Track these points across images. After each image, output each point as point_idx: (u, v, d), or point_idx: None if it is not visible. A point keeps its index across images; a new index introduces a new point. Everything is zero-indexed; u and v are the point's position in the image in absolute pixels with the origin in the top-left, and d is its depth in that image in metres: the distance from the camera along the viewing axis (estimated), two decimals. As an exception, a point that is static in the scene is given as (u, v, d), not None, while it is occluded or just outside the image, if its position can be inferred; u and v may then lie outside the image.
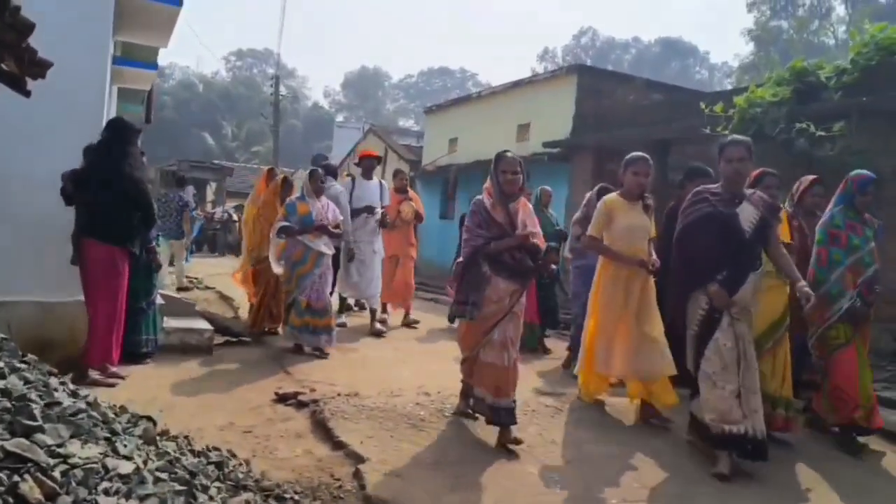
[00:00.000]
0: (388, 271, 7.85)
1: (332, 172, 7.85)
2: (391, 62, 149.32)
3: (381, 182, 7.79)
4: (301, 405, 4.54)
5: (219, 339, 6.36)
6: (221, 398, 4.68)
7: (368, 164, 7.69)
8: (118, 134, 4.66)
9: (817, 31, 38.26)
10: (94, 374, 4.60)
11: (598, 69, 18.00)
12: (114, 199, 4.55)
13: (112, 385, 4.56)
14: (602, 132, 12.03)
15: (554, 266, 6.58)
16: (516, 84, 15.38)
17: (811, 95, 7.95)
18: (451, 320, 4.16)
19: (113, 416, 1.86)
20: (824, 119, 7.50)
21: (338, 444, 3.82)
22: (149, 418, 2.70)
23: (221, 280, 10.85)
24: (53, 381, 1.79)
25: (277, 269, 6.21)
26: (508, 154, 4.03)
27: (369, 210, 7.36)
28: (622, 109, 12.85)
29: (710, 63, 61.12)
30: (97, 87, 5.40)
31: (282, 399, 4.67)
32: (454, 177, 16.17)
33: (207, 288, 10.83)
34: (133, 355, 5.18)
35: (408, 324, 8.02)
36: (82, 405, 1.71)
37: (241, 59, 71.77)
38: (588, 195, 6.02)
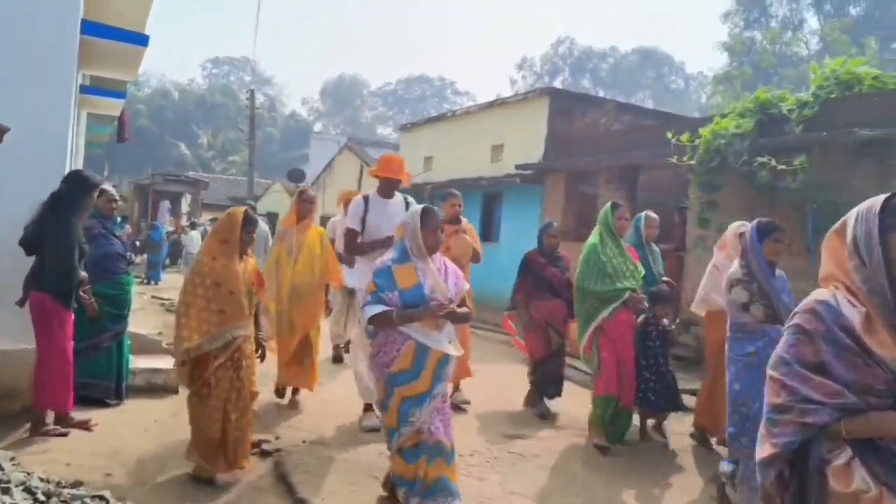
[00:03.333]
0: None
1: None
2: (370, 70, 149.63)
3: (406, 200, 5.49)
4: (265, 454, 4.55)
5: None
6: (185, 446, 4.66)
7: (389, 184, 5.35)
8: (64, 192, 4.69)
9: (790, 43, 38.99)
10: (48, 426, 4.57)
11: (570, 92, 18.30)
12: (37, 253, 4.60)
13: (65, 434, 4.54)
14: (574, 154, 12.20)
15: (666, 322, 5.13)
16: (490, 105, 15.55)
17: (774, 127, 8.13)
18: None
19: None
20: (786, 151, 7.67)
21: (299, 501, 3.84)
22: (101, 498, 2.71)
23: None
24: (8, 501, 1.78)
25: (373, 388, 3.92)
26: None
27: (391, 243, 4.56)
28: (593, 132, 13.05)
29: (686, 73, 61.97)
30: (60, 131, 5.32)
31: (246, 448, 4.66)
32: (430, 196, 16.24)
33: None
34: (84, 399, 5.11)
35: (455, 404, 5.70)
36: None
37: (218, 67, 71.47)
38: (726, 236, 4.76)
